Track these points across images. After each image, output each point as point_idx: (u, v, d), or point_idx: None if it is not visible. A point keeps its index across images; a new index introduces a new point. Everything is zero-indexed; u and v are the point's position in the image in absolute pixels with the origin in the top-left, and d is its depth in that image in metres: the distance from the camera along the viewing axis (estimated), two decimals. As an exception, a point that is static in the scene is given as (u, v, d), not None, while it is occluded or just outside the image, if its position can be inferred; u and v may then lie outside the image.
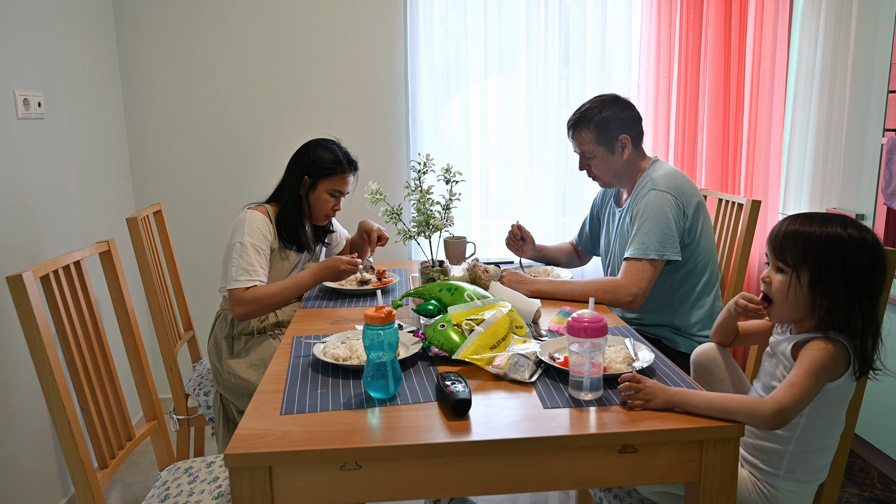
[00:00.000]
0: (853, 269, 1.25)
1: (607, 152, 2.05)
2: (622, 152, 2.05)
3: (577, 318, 1.26)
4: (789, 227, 1.31)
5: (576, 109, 2.10)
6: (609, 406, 1.25)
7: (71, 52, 2.47)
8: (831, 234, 1.27)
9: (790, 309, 1.32)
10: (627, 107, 2.06)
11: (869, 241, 1.26)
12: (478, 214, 3.01)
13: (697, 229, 1.99)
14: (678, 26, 2.87)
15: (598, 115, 2.03)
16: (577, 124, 2.07)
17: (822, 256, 1.26)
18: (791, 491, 1.34)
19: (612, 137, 2.04)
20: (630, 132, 2.05)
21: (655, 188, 1.96)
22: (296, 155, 2.12)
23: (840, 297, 1.26)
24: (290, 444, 1.12)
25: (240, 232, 1.97)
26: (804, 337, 1.30)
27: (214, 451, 2.45)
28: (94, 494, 1.36)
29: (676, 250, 1.92)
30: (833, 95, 2.61)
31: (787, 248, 1.30)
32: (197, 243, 2.99)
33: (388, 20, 2.90)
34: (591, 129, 2.04)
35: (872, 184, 2.40)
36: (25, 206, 2.14)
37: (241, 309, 1.92)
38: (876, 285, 1.27)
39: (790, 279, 1.29)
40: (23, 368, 2.08)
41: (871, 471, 2.43)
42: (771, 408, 1.18)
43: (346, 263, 1.95)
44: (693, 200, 1.99)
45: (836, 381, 1.27)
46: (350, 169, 2.12)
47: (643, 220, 1.94)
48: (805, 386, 1.20)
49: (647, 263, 1.90)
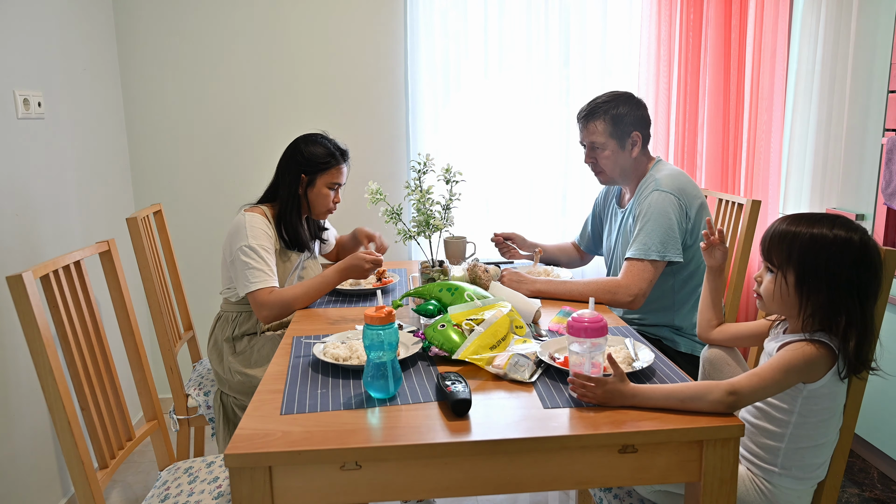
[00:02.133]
0: (837, 269, 1.26)
1: (618, 146, 2.05)
2: (632, 149, 2.06)
3: (577, 318, 1.26)
4: (778, 227, 1.33)
5: (589, 101, 2.09)
6: (609, 406, 1.25)
7: (71, 52, 2.47)
8: (816, 234, 1.27)
9: (778, 308, 1.35)
10: (642, 106, 2.08)
11: (855, 241, 1.26)
12: (478, 214, 3.01)
13: (700, 231, 1.99)
14: (678, 26, 2.87)
15: (613, 109, 2.03)
16: (592, 114, 2.06)
17: (805, 257, 1.27)
18: (788, 488, 1.34)
19: (624, 132, 2.04)
20: (642, 131, 2.06)
21: (659, 189, 1.96)
22: (287, 154, 2.10)
23: (824, 298, 1.27)
24: (290, 444, 1.12)
25: (243, 236, 1.94)
26: (793, 338, 1.31)
27: (214, 451, 2.45)
28: (94, 494, 1.36)
29: (678, 251, 1.92)
30: (833, 95, 2.61)
31: (773, 249, 1.32)
32: (197, 243, 2.99)
33: (388, 20, 2.90)
34: (605, 120, 2.04)
35: (872, 184, 2.40)
36: (25, 206, 2.14)
37: (267, 312, 1.90)
38: (865, 285, 1.27)
39: (776, 279, 1.31)
40: (23, 368, 2.08)
41: (871, 471, 2.43)
42: (724, 388, 1.20)
43: (369, 262, 1.95)
44: (696, 202, 1.99)
45: (814, 382, 1.27)
46: (343, 159, 2.12)
47: (646, 221, 1.94)
48: (766, 377, 1.22)
49: (648, 264, 1.90)
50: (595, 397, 1.24)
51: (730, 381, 1.22)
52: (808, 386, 1.28)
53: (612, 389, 1.23)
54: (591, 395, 1.24)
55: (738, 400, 1.20)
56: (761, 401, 1.33)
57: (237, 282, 1.95)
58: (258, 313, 1.92)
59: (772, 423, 1.33)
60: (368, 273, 1.97)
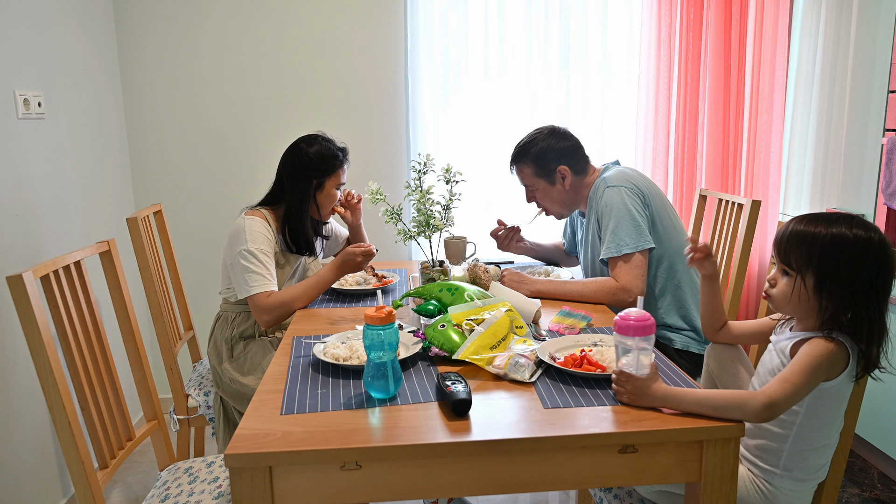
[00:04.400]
0: (859, 270, 1.23)
1: (548, 184, 2.10)
2: (563, 182, 2.08)
3: (623, 316, 1.24)
4: (794, 228, 1.29)
5: (516, 144, 2.13)
6: (609, 406, 1.25)
7: (71, 52, 2.47)
8: (836, 234, 1.24)
9: (793, 310, 1.31)
10: (564, 137, 2.10)
11: (875, 241, 1.24)
12: (478, 214, 3.01)
13: (659, 221, 1.99)
14: (678, 26, 2.87)
15: (534, 148, 2.07)
16: (517, 159, 2.12)
17: (826, 259, 1.24)
18: (789, 489, 1.34)
19: (550, 169, 2.07)
20: (568, 162, 2.07)
21: (609, 185, 1.98)
22: (292, 159, 2.07)
23: (846, 300, 1.24)
24: (290, 444, 1.12)
25: (243, 239, 1.94)
26: (806, 335, 1.29)
27: (214, 451, 2.45)
28: (94, 494, 1.36)
29: (648, 238, 1.93)
30: (833, 95, 2.61)
31: (791, 252, 1.28)
32: (197, 243, 2.99)
33: (388, 20, 2.90)
34: (528, 162, 2.09)
35: (872, 184, 2.40)
36: (25, 206, 2.14)
37: (267, 316, 1.91)
38: (882, 285, 1.25)
39: (795, 282, 1.28)
40: (23, 368, 2.08)
41: (871, 471, 2.43)
42: (761, 401, 1.17)
43: (360, 255, 1.96)
44: (646, 188, 1.99)
45: (831, 380, 1.26)
46: (346, 159, 2.13)
47: (608, 219, 1.95)
48: (798, 382, 1.19)
49: (631, 258, 1.90)
50: (625, 392, 1.23)
51: (764, 392, 1.18)
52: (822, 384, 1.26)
53: (642, 386, 1.22)
54: (621, 391, 1.24)
55: (774, 412, 1.18)
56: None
57: (237, 286, 1.95)
58: (258, 318, 1.92)
59: (775, 425, 1.32)
60: (362, 265, 1.99)
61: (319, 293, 1.98)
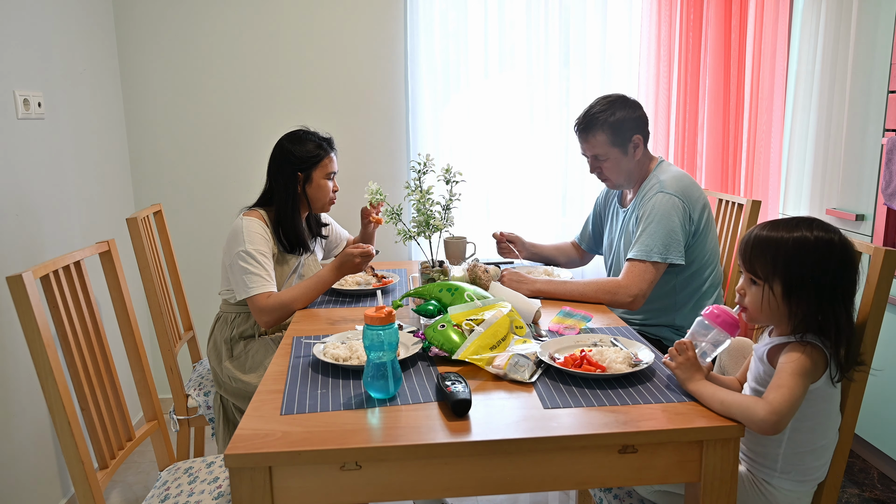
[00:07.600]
0: (823, 272, 1.24)
1: (621, 154, 2.03)
2: (634, 153, 2.04)
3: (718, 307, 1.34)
4: (757, 234, 1.30)
5: (582, 112, 2.06)
6: (609, 406, 1.25)
7: (71, 52, 2.47)
8: (798, 238, 1.25)
9: (767, 319, 1.32)
10: (637, 107, 2.05)
11: (836, 242, 1.25)
12: (478, 214, 3.01)
13: (702, 232, 1.99)
14: (678, 26, 2.87)
15: (611, 117, 2.00)
16: (589, 127, 2.03)
17: (791, 265, 1.25)
18: (789, 489, 1.34)
19: (625, 138, 2.01)
20: (642, 132, 2.04)
21: (663, 191, 1.96)
22: (276, 157, 2.10)
23: (814, 304, 1.25)
24: (290, 445, 1.12)
25: (241, 240, 1.95)
26: (780, 340, 1.30)
27: (214, 452, 2.45)
28: (94, 494, 1.36)
29: (680, 254, 1.92)
30: (833, 95, 2.60)
31: (755, 260, 1.28)
32: (197, 243, 2.99)
33: (388, 20, 2.90)
34: (604, 130, 2.00)
35: (872, 184, 2.40)
36: (25, 206, 2.14)
37: (266, 317, 1.91)
38: (848, 285, 1.26)
39: (763, 291, 1.28)
40: (23, 368, 2.08)
41: (871, 471, 2.43)
42: (765, 411, 1.16)
43: (358, 256, 1.97)
44: (699, 204, 1.98)
45: (815, 382, 1.26)
46: (332, 148, 2.13)
47: (649, 222, 1.94)
48: (793, 386, 1.19)
49: (649, 265, 1.90)
50: (676, 364, 1.30)
51: (767, 402, 1.17)
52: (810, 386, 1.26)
53: (694, 366, 1.28)
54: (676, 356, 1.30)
55: (780, 421, 1.17)
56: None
57: (236, 287, 1.96)
58: (258, 319, 1.92)
59: None
60: (361, 266, 1.99)
61: (319, 294, 1.98)
